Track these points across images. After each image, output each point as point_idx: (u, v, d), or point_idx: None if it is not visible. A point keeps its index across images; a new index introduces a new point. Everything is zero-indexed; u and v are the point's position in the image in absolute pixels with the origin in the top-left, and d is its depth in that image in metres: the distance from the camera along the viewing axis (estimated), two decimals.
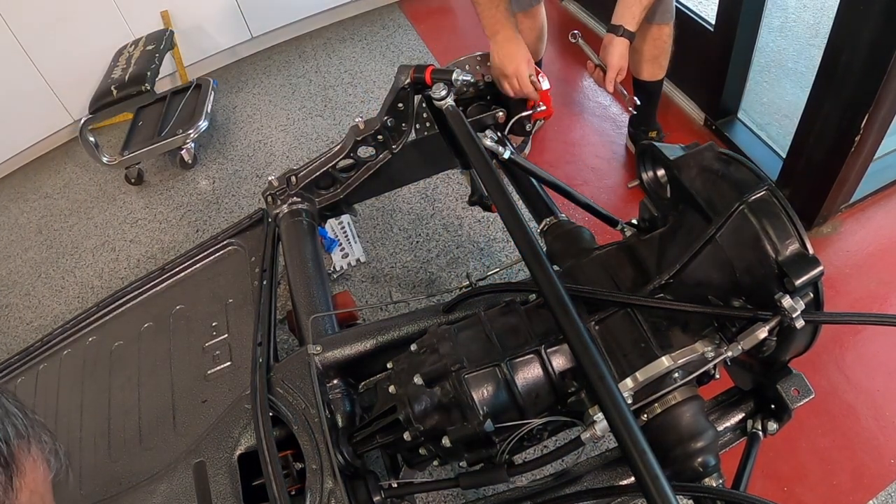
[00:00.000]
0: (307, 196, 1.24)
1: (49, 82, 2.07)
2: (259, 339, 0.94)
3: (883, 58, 0.98)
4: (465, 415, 0.69)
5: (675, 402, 0.69)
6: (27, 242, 1.92)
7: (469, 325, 0.76)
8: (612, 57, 1.17)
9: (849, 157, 1.16)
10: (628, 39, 1.17)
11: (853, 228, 1.36)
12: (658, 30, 1.35)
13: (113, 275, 1.72)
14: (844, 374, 1.13)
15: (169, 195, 1.92)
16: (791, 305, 0.60)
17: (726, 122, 1.60)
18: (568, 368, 0.71)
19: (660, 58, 1.41)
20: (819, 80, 1.15)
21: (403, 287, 1.46)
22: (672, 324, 0.70)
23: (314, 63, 2.29)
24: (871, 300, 1.25)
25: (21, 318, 1.69)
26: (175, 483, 0.84)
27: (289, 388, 0.85)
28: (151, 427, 0.97)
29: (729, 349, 0.66)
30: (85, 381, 1.11)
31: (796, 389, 0.74)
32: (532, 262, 0.65)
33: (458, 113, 0.85)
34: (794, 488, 1.01)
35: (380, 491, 0.76)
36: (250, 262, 1.14)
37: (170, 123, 1.96)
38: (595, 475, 0.76)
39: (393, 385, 0.76)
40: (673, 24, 1.36)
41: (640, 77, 1.47)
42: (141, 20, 2.09)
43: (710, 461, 0.68)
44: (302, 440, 0.79)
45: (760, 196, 0.64)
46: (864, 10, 0.97)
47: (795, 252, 0.62)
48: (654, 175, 0.79)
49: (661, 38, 1.37)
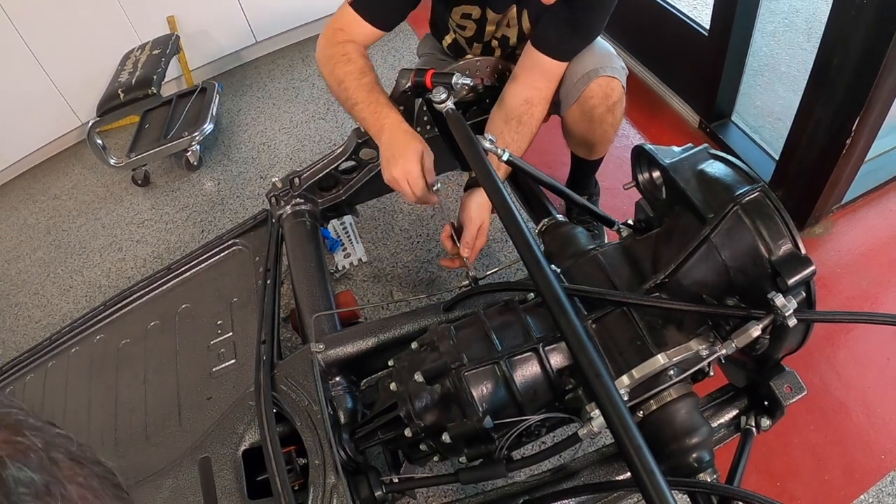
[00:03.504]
0: (310, 197, 1.25)
1: (58, 86, 2.09)
2: (263, 337, 0.95)
3: (874, 62, 0.99)
4: (464, 411, 0.70)
5: (671, 398, 0.70)
6: (36, 242, 1.94)
7: (469, 324, 0.77)
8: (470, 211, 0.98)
9: (840, 159, 1.17)
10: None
11: (845, 229, 1.37)
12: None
13: (120, 274, 1.74)
14: (836, 372, 1.14)
15: (175, 196, 1.94)
16: (784, 304, 0.61)
17: (720, 124, 1.60)
18: (565, 366, 0.72)
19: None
20: (811, 84, 1.16)
21: (404, 286, 1.47)
22: (667, 322, 0.71)
23: (317, 67, 2.31)
24: (862, 299, 1.25)
25: (30, 317, 1.71)
26: (181, 478, 0.85)
27: (292, 386, 0.86)
28: (157, 423, 0.98)
29: (723, 347, 0.67)
30: (92, 378, 1.12)
31: (789, 386, 0.75)
32: (530, 261, 0.66)
33: (458, 116, 0.86)
34: (786, 483, 1.02)
35: (381, 486, 0.77)
36: (254, 261, 1.15)
37: (176, 126, 1.97)
38: (592, 470, 0.77)
39: (394, 382, 0.77)
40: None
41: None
42: (147, 25, 2.11)
43: (704, 457, 0.69)
44: (305, 436, 0.79)
45: (754, 197, 0.65)
46: (856, 16, 0.98)
47: (788, 252, 0.63)
48: (650, 176, 0.80)
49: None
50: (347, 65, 0.99)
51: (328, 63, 1.02)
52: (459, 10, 1.08)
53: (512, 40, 1.12)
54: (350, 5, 1.00)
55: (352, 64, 0.99)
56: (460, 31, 1.14)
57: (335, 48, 1.01)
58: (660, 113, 1.76)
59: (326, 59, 1.02)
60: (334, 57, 1.01)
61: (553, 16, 0.95)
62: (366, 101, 0.97)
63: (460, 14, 1.09)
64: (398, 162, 0.93)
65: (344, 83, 0.99)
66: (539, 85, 1.01)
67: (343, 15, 1.02)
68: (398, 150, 0.94)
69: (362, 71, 0.99)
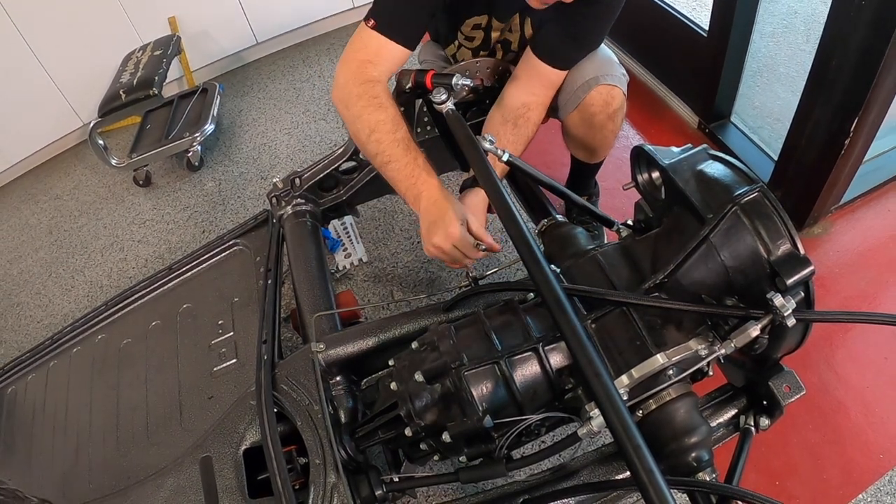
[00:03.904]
0: (311, 198, 1.25)
1: (59, 87, 2.10)
2: (264, 336, 0.96)
3: (872, 63, 1.00)
4: (464, 411, 0.70)
5: (670, 398, 0.70)
6: (38, 242, 1.95)
7: (469, 324, 0.77)
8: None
9: (839, 159, 1.17)
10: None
11: (843, 229, 1.37)
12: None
13: (121, 274, 1.75)
14: (835, 371, 1.14)
15: (176, 197, 1.95)
16: (782, 304, 0.61)
17: (719, 125, 1.61)
18: (565, 366, 0.72)
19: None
20: (810, 85, 1.16)
21: (404, 286, 1.48)
22: (667, 322, 0.71)
23: (318, 68, 2.32)
24: (860, 299, 1.25)
25: (32, 317, 1.71)
26: (182, 477, 0.85)
27: (293, 385, 0.86)
28: (159, 422, 0.98)
29: (722, 347, 0.67)
30: (94, 377, 1.13)
31: (788, 386, 0.75)
32: (530, 261, 0.66)
33: (458, 116, 0.86)
34: (785, 482, 1.02)
35: (381, 485, 0.77)
36: (255, 261, 1.16)
37: (177, 127, 1.98)
38: (591, 470, 0.77)
39: (394, 382, 0.77)
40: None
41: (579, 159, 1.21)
42: (149, 26, 2.12)
43: (703, 456, 0.69)
44: (305, 435, 0.80)
45: (753, 197, 0.65)
46: (854, 17, 0.98)
47: (787, 252, 0.64)
48: (649, 177, 0.81)
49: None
50: (379, 111, 0.88)
51: (355, 104, 0.88)
52: (471, 21, 1.06)
53: (513, 45, 1.12)
54: (373, 29, 0.88)
55: (384, 111, 0.88)
56: (468, 42, 1.12)
57: (363, 87, 0.88)
58: (659, 114, 1.77)
59: (354, 99, 0.88)
60: (363, 98, 0.88)
61: (555, 25, 0.95)
62: (402, 161, 0.88)
63: (471, 26, 1.07)
64: (438, 228, 0.86)
65: (376, 133, 0.88)
66: (537, 91, 1.00)
67: (367, 42, 0.89)
68: (437, 215, 0.87)
69: (396, 122, 0.88)
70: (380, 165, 0.90)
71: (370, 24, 0.89)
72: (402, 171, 0.88)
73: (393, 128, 0.88)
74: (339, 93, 0.90)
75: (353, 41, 0.91)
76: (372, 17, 0.89)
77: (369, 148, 0.90)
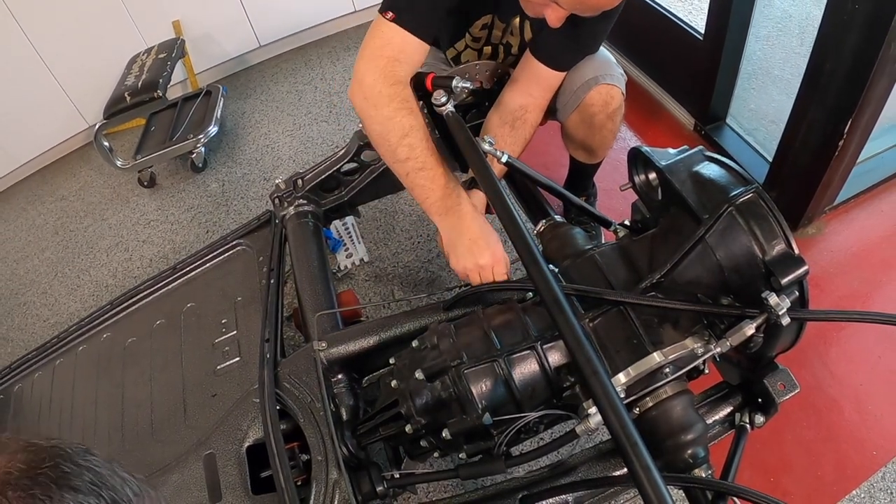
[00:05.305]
0: (313, 198, 1.26)
1: (65, 89, 2.12)
2: (267, 335, 0.97)
3: (865, 66, 1.01)
4: (464, 408, 0.71)
5: (666, 396, 0.71)
6: (44, 243, 1.96)
7: (468, 323, 0.78)
8: None
9: (833, 160, 1.18)
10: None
11: (837, 229, 1.38)
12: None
13: (126, 274, 1.76)
14: (829, 370, 1.15)
15: (180, 197, 1.96)
16: (777, 303, 0.62)
17: (715, 127, 1.62)
18: (563, 364, 0.73)
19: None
20: (804, 88, 1.17)
21: (405, 286, 1.49)
22: (663, 321, 0.72)
23: (320, 70, 2.34)
24: (854, 298, 1.26)
25: (38, 316, 1.73)
26: (186, 474, 0.87)
27: (295, 383, 0.87)
28: (163, 420, 1.00)
29: (718, 345, 0.68)
30: (99, 375, 1.14)
31: (782, 384, 0.76)
32: (529, 261, 0.67)
33: (458, 118, 0.87)
34: (780, 479, 1.03)
35: (382, 481, 0.78)
36: (258, 261, 1.17)
37: (181, 128, 2.00)
38: (589, 466, 0.78)
39: (395, 380, 0.78)
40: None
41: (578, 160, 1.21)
42: (153, 29, 2.14)
43: (699, 453, 0.70)
44: (308, 433, 0.81)
45: (748, 198, 0.66)
46: (848, 21, 0.99)
47: (782, 252, 0.64)
48: (646, 178, 0.81)
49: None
50: (411, 116, 0.84)
51: (387, 105, 0.84)
52: (480, 22, 1.06)
53: (514, 48, 1.13)
54: (393, 22, 0.83)
55: (416, 117, 0.85)
56: (475, 43, 1.12)
57: (394, 89, 0.84)
58: (656, 116, 1.78)
59: (385, 100, 0.84)
60: (395, 100, 0.84)
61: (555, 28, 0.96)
62: (437, 170, 0.85)
63: (479, 26, 1.08)
64: (483, 249, 0.85)
65: (408, 138, 0.84)
66: (535, 94, 1.01)
67: (391, 38, 0.84)
68: (479, 234, 0.85)
69: (426, 130, 0.86)
70: (409, 170, 0.86)
71: (388, 16, 0.84)
72: (437, 181, 0.86)
73: (425, 135, 0.86)
74: (366, 91, 0.85)
75: (372, 35, 0.86)
76: (389, 9, 0.84)
77: (400, 152, 0.85)
